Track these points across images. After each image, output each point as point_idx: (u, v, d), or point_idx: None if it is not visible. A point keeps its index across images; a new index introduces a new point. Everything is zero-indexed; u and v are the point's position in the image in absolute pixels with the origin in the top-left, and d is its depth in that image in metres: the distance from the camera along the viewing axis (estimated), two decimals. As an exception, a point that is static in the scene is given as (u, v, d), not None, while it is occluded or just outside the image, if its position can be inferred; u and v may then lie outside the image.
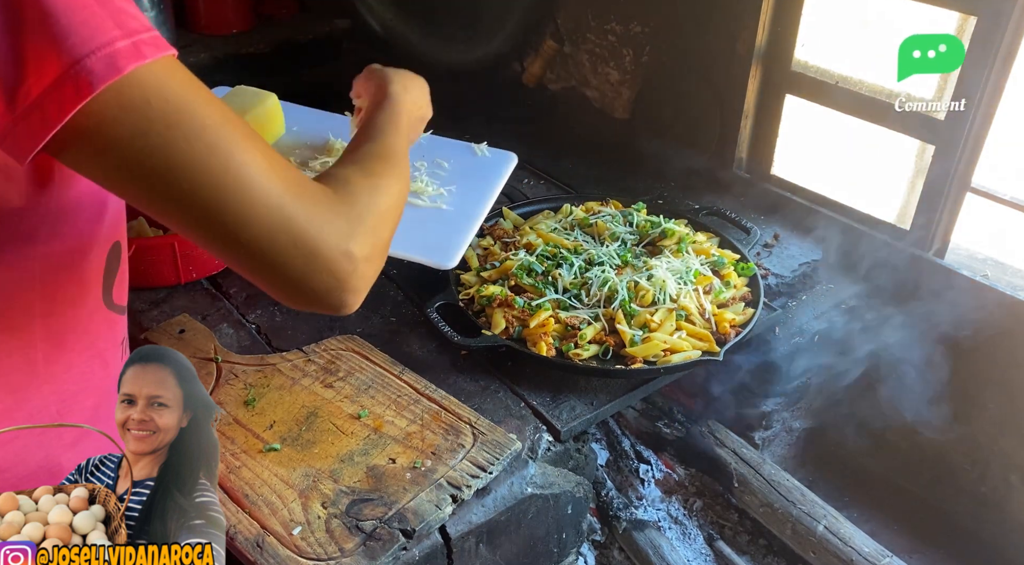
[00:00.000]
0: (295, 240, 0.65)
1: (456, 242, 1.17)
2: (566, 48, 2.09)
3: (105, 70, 0.56)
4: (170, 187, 0.61)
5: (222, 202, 0.62)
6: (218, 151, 0.61)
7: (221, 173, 0.62)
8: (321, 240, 0.66)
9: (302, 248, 0.66)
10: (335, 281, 0.68)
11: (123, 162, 0.60)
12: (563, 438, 1.21)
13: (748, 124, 1.74)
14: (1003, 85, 1.36)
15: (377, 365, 1.24)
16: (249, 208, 0.63)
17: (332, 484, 1.04)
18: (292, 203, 0.65)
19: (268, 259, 0.65)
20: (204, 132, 0.60)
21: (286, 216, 0.64)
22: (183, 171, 0.60)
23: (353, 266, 0.69)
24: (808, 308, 1.55)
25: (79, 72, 0.55)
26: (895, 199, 1.59)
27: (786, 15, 1.59)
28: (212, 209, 0.62)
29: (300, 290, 0.68)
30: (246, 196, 0.63)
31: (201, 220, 0.63)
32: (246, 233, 0.64)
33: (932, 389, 1.66)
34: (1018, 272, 1.51)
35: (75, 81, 0.55)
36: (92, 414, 0.81)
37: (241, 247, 0.65)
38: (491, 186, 1.30)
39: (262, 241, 0.64)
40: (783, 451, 1.73)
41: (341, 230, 0.68)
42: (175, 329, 1.31)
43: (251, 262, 0.66)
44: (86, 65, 0.55)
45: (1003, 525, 1.61)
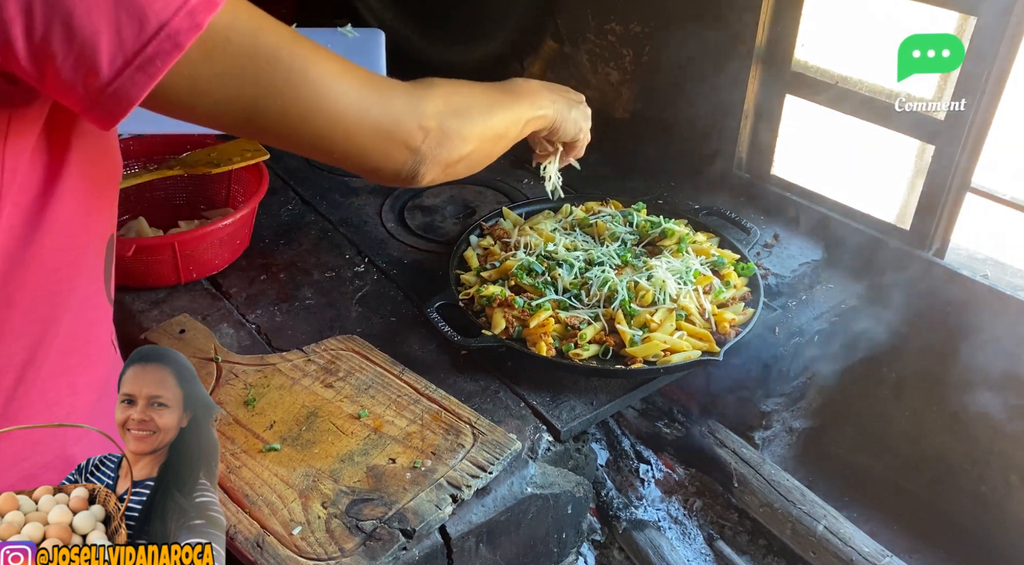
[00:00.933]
0: (376, 124, 0.77)
1: None
2: (566, 48, 2.09)
3: (189, 27, 0.62)
4: (262, 111, 0.70)
5: (309, 111, 0.72)
6: (296, 68, 0.70)
7: (303, 86, 0.71)
8: (396, 118, 0.79)
9: (382, 129, 0.78)
10: (408, 151, 0.81)
11: (216, 100, 0.67)
12: (563, 438, 1.21)
13: (748, 124, 1.74)
14: (1003, 85, 1.36)
15: (377, 365, 1.24)
16: (333, 109, 0.74)
17: (332, 484, 1.04)
18: (368, 95, 0.77)
19: (354, 147, 0.77)
20: (280, 55, 0.69)
21: (364, 107, 0.76)
22: (271, 94, 0.69)
23: (424, 137, 0.81)
24: (808, 308, 1.55)
25: (168, 33, 0.61)
26: (895, 199, 1.59)
27: (786, 15, 1.59)
28: (302, 119, 0.72)
29: (383, 167, 0.81)
30: (329, 100, 0.73)
31: (293, 131, 0.73)
32: (334, 131, 0.75)
33: (932, 389, 1.66)
34: (1018, 272, 1.51)
35: (162, 42, 0.61)
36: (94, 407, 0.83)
37: (330, 143, 0.76)
38: (376, 58, 1.41)
39: (350, 132, 0.76)
40: (783, 451, 1.73)
41: (415, 107, 0.81)
42: (175, 329, 1.31)
43: (340, 153, 0.78)
44: (172, 25, 0.61)
45: (1003, 525, 1.61)
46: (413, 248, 1.60)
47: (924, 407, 1.69)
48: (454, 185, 1.83)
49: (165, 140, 1.56)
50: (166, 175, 1.49)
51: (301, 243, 1.60)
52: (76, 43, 0.59)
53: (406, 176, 0.84)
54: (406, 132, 0.80)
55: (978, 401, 1.59)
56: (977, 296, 1.49)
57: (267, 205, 1.67)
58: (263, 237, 1.60)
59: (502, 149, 0.99)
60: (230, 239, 1.47)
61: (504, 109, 0.98)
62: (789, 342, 1.51)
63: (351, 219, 1.68)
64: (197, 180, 1.59)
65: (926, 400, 1.68)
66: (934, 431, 1.68)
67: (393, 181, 0.84)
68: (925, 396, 1.68)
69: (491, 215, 1.59)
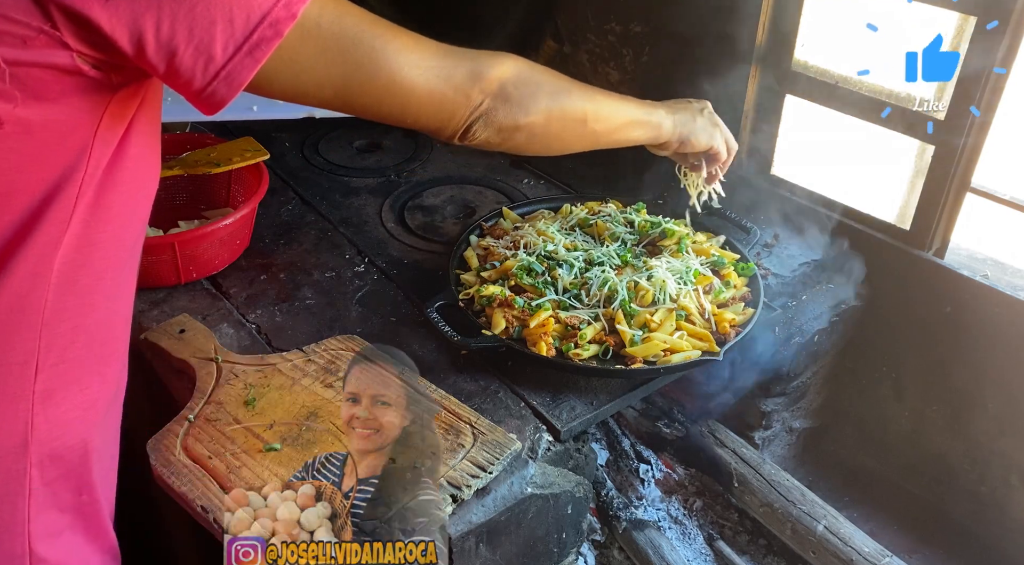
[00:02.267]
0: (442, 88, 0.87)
1: None
2: (566, 48, 2.09)
3: (287, 16, 0.70)
4: (350, 85, 0.81)
5: (390, 82, 0.83)
6: (377, 46, 0.80)
7: (384, 60, 0.81)
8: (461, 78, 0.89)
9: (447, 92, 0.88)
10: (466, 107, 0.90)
11: (311, 79, 0.77)
12: (563, 438, 1.21)
13: (748, 124, 1.74)
14: (1003, 85, 1.36)
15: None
16: (408, 78, 0.84)
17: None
18: (439, 63, 0.87)
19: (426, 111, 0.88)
20: (362, 36, 0.79)
21: (436, 74, 0.87)
22: (357, 70, 0.80)
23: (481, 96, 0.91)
24: (808, 308, 1.55)
25: (270, 22, 0.70)
26: (895, 199, 1.59)
27: (786, 15, 1.59)
28: (384, 90, 0.83)
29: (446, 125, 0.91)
30: (408, 69, 0.84)
31: (376, 100, 0.84)
32: (408, 98, 0.85)
33: (932, 389, 1.66)
34: (1018, 272, 1.51)
35: (265, 30, 0.69)
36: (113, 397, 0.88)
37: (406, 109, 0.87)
38: None
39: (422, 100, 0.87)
40: (783, 451, 1.73)
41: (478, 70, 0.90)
42: (175, 329, 1.31)
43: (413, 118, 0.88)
44: (273, 14, 0.70)
45: (1003, 525, 1.61)
46: (413, 248, 1.60)
47: (924, 407, 1.69)
48: (454, 185, 1.83)
49: (165, 140, 1.56)
50: (166, 175, 1.49)
51: (301, 243, 1.60)
52: (197, 34, 0.67)
53: (462, 129, 0.92)
54: (467, 89, 0.89)
55: (978, 401, 1.59)
56: (977, 296, 1.49)
57: (267, 205, 1.67)
58: (263, 237, 1.60)
59: (589, 138, 1.05)
60: (230, 239, 1.47)
61: (591, 99, 1.03)
62: (789, 342, 1.51)
63: (351, 219, 1.68)
64: (197, 180, 1.59)
65: (926, 400, 1.68)
66: (934, 431, 1.68)
67: (452, 137, 0.92)
68: (925, 396, 1.68)
69: (491, 215, 1.59)
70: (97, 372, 0.82)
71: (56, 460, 0.80)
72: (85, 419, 0.82)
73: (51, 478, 0.80)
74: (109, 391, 0.86)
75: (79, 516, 0.86)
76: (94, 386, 0.82)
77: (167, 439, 1.10)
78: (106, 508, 0.91)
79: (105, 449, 0.89)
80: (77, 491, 0.84)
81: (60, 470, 0.81)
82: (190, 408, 1.15)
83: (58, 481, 0.81)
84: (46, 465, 0.79)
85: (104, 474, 0.89)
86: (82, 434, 0.82)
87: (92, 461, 0.85)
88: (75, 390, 0.80)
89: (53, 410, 0.78)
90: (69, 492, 0.84)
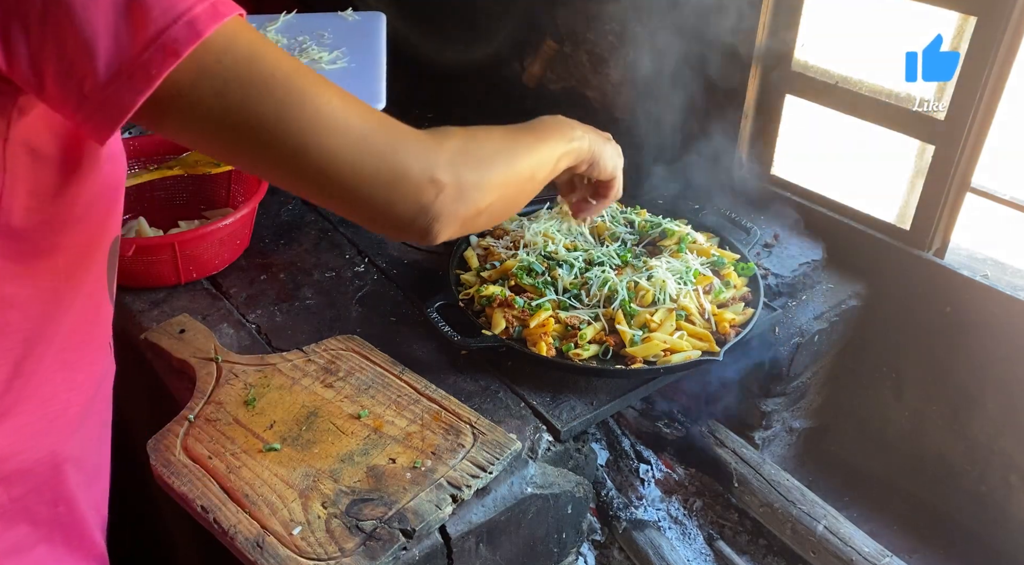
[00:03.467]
0: (378, 168, 0.70)
1: (376, 87, 1.29)
2: (566, 48, 2.09)
3: (188, 35, 0.59)
4: (253, 139, 0.65)
5: (304, 145, 0.66)
6: (292, 99, 0.65)
7: (299, 118, 0.66)
8: (404, 166, 0.71)
9: (385, 175, 0.70)
10: (419, 207, 0.73)
11: (210, 120, 0.63)
12: (563, 438, 1.21)
13: (748, 124, 1.74)
14: (1003, 85, 1.36)
15: (377, 365, 1.24)
16: (331, 146, 0.67)
17: (332, 484, 1.04)
18: (373, 135, 0.70)
19: (354, 191, 0.70)
20: (274, 85, 0.64)
21: (368, 148, 0.69)
22: (262, 122, 0.65)
23: (436, 192, 0.73)
24: (808, 308, 1.55)
25: (165, 41, 0.58)
26: (895, 199, 1.59)
27: (786, 15, 1.59)
28: (296, 153, 0.67)
29: (387, 218, 0.74)
30: (326, 136, 0.67)
31: (286, 165, 0.68)
32: (331, 169, 0.68)
33: (932, 389, 1.66)
34: (1018, 272, 1.51)
35: (162, 49, 0.58)
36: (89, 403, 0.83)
37: (328, 183, 0.69)
38: (376, 40, 1.43)
39: (347, 174, 0.69)
40: (783, 451, 1.73)
41: (426, 158, 0.73)
42: (175, 329, 1.31)
43: (340, 196, 0.71)
44: (171, 33, 0.58)
45: (1003, 525, 1.61)
46: (413, 248, 1.60)
47: (924, 407, 1.69)
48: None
49: (165, 140, 1.56)
50: (166, 175, 1.49)
51: (301, 243, 1.60)
52: (73, 45, 0.56)
53: (417, 233, 0.76)
54: (416, 184, 0.72)
55: (978, 401, 1.59)
56: (977, 296, 1.49)
57: (267, 205, 1.67)
58: (263, 237, 1.60)
59: (533, 192, 0.93)
60: (230, 239, 1.47)
61: (530, 150, 0.91)
62: (789, 342, 1.51)
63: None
64: (197, 180, 1.59)
65: (926, 400, 1.68)
66: (934, 431, 1.68)
67: (401, 236, 0.78)
68: (925, 396, 1.68)
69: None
70: (63, 380, 0.77)
71: (23, 475, 0.76)
72: (53, 430, 0.78)
73: (19, 494, 0.77)
74: (82, 398, 0.81)
75: (57, 527, 0.83)
76: (61, 395, 0.78)
77: (167, 439, 1.10)
78: (91, 516, 0.88)
79: (86, 457, 0.85)
80: (52, 503, 0.81)
81: (29, 484, 0.77)
82: (190, 408, 1.15)
83: (28, 495, 0.78)
84: (13, 481, 0.76)
85: (87, 482, 0.86)
86: (51, 446, 0.78)
87: (67, 472, 0.81)
88: (37, 402, 0.75)
89: (11, 423, 0.73)
90: (43, 505, 0.80)
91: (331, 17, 1.56)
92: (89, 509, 0.87)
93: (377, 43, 1.43)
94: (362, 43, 1.44)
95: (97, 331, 0.83)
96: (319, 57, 1.40)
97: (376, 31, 1.47)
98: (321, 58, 1.40)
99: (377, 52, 1.40)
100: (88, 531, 0.88)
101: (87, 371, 0.82)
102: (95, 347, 0.83)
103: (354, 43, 1.44)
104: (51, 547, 0.83)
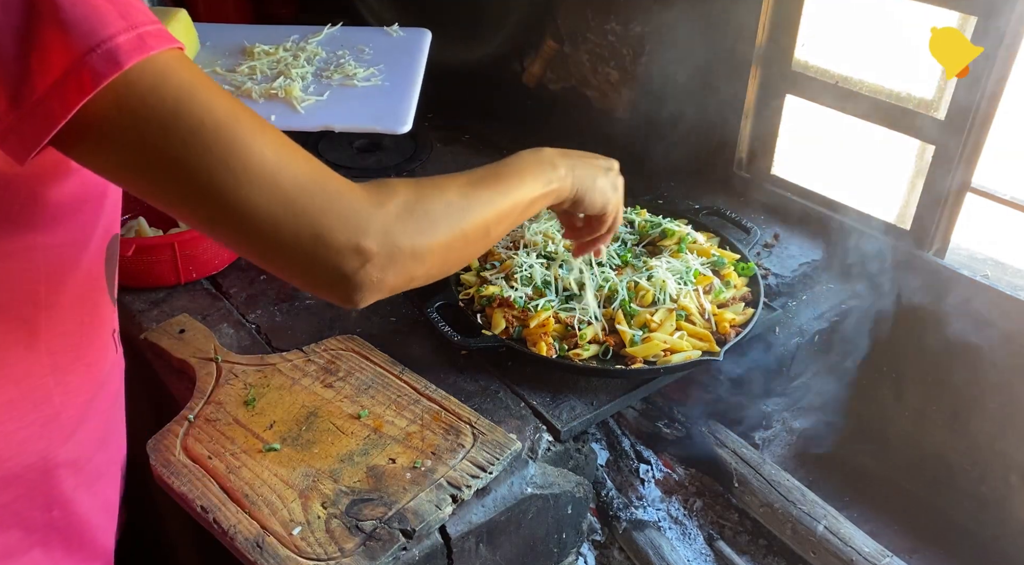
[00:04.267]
0: (299, 231, 0.64)
1: (404, 108, 1.25)
2: (566, 48, 2.09)
3: (106, 66, 0.55)
4: (171, 183, 0.61)
5: (224, 198, 0.61)
6: (220, 148, 0.60)
7: (223, 169, 0.61)
8: (328, 231, 0.65)
9: (307, 239, 0.64)
10: (339, 275, 0.67)
11: (124, 158, 0.60)
12: (563, 438, 1.21)
13: (748, 124, 1.74)
14: (1003, 85, 1.36)
15: (377, 365, 1.24)
16: (253, 202, 0.62)
17: (332, 484, 1.04)
18: (302, 194, 0.64)
19: (273, 251, 0.65)
20: (201, 130, 0.59)
21: (293, 208, 0.63)
22: (182, 167, 0.60)
23: (362, 262, 0.67)
24: (808, 308, 1.55)
25: (81, 68, 0.55)
26: (895, 199, 1.59)
27: (786, 15, 1.59)
28: (216, 205, 0.62)
29: (306, 282, 0.68)
30: (249, 190, 0.62)
31: (205, 214, 0.63)
32: (249, 226, 0.63)
33: (932, 389, 1.66)
34: (1018, 272, 1.51)
35: (78, 77, 0.55)
36: (87, 406, 0.82)
37: (246, 239, 0.65)
38: (416, 59, 1.39)
39: (267, 233, 0.64)
40: (783, 451, 1.73)
41: (356, 223, 0.66)
42: (175, 329, 1.31)
43: (258, 254, 0.67)
44: (89, 61, 0.55)
45: (1003, 525, 1.61)
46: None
47: (924, 407, 1.69)
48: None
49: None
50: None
51: (301, 243, 1.60)
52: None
53: (338, 299, 0.70)
54: (338, 252, 0.65)
55: (978, 401, 1.59)
56: (977, 296, 1.49)
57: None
58: (263, 237, 1.59)
59: (491, 244, 0.84)
60: (230, 239, 1.47)
61: (491, 201, 0.81)
62: (789, 342, 1.51)
63: (351, 219, 1.68)
64: (197, 180, 1.58)
65: (926, 400, 1.68)
66: (934, 431, 1.68)
67: (325, 297, 0.71)
68: (925, 396, 1.68)
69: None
70: (55, 385, 0.76)
71: (11, 481, 0.75)
72: (44, 435, 0.76)
73: (8, 499, 0.76)
74: (78, 401, 0.80)
75: (53, 532, 0.81)
76: (53, 399, 0.76)
77: (167, 439, 1.10)
78: (95, 518, 0.87)
79: (87, 459, 0.84)
80: (46, 508, 0.80)
81: (19, 489, 0.76)
82: (190, 408, 1.15)
83: (19, 501, 0.77)
84: (1, 487, 0.74)
85: (88, 483, 0.84)
86: (41, 451, 0.76)
87: (60, 477, 0.79)
88: (24, 408, 0.74)
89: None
90: (36, 510, 0.79)
91: (375, 32, 1.52)
92: (92, 511, 0.87)
93: (416, 62, 1.40)
94: (401, 61, 1.41)
95: (95, 333, 0.81)
96: (354, 73, 1.38)
97: (418, 50, 1.44)
98: (356, 74, 1.37)
99: (414, 72, 1.37)
100: (89, 534, 0.87)
101: (83, 374, 0.80)
102: (93, 349, 0.82)
103: (393, 60, 1.41)
104: (47, 551, 0.82)
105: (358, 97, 1.31)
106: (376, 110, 1.27)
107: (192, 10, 2.40)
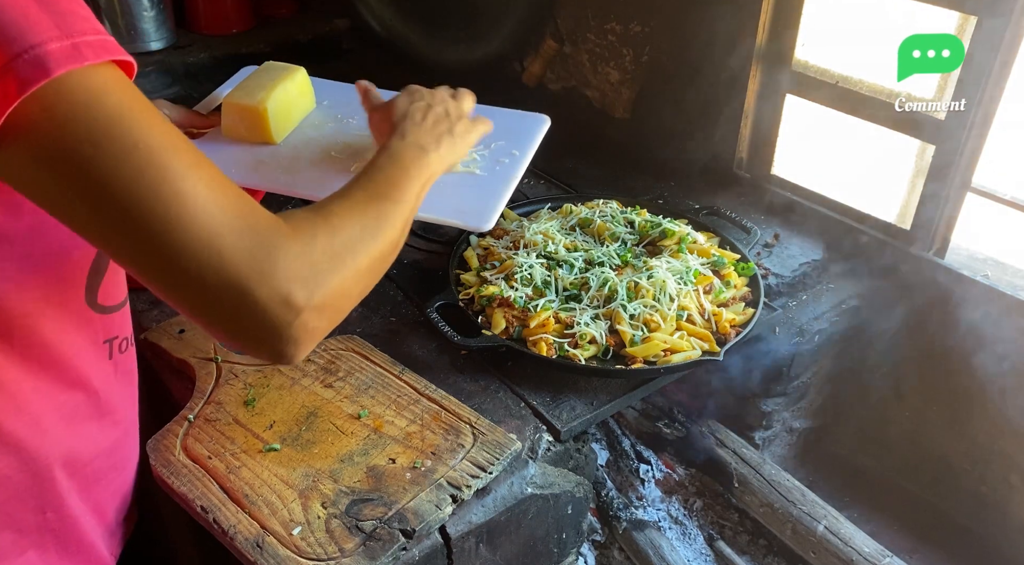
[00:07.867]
0: (226, 280, 0.59)
1: (491, 205, 1.13)
2: (566, 48, 2.09)
3: (33, 72, 0.51)
4: (97, 208, 0.56)
5: (148, 231, 0.57)
6: (148, 176, 0.56)
7: (150, 200, 0.56)
8: (255, 283, 0.60)
9: (233, 290, 0.59)
10: (270, 329, 0.61)
11: (49, 175, 0.55)
12: (563, 438, 1.21)
13: (748, 124, 1.74)
14: (1003, 85, 1.36)
15: (377, 365, 1.24)
16: (177, 240, 0.57)
17: (332, 484, 1.04)
18: (229, 238, 0.59)
19: (196, 297, 0.60)
20: (135, 153, 0.55)
21: (219, 253, 0.58)
22: (110, 190, 0.55)
23: (293, 316, 0.61)
24: (808, 308, 1.55)
25: (7, 74, 0.51)
26: (895, 199, 1.59)
27: (786, 15, 1.59)
28: (138, 238, 0.57)
29: (232, 334, 0.62)
30: (176, 227, 0.57)
31: (127, 249, 0.59)
32: (173, 266, 0.58)
33: (932, 389, 1.66)
34: (1018, 272, 1.51)
35: (2, 84, 0.51)
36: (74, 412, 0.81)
37: (168, 281, 0.60)
38: (524, 150, 1.25)
39: (190, 277, 0.58)
40: (783, 451, 1.73)
41: (284, 274, 0.61)
42: (175, 329, 1.31)
43: (179, 298, 0.61)
44: (14, 66, 0.51)
45: (1003, 525, 1.61)
46: (413, 248, 1.59)
47: (924, 407, 1.69)
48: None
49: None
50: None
51: (301, 243, 1.59)
52: None
53: (267, 355, 0.64)
54: (265, 303, 0.60)
55: (978, 401, 1.59)
56: (977, 296, 1.49)
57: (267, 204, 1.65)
58: (263, 237, 1.59)
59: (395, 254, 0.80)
60: (230, 239, 1.47)
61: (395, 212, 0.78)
62: (789, 342, 1.51)
63: (351, 219, 1.68)
64: (197, 180, 1.58)
65: (926, 400, 1.68)
66: (934, 431, 1.68)
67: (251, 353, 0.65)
68: (925, 396, 1.68)
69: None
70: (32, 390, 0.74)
71: (3, 482, 0.74)
72: (34, 437, 0.75)
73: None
74: (69, 402, 0.78)
75: (47, 533, 0.81)
76: (33, 404, 0.74)
77: (167, 439, 1.10)
78: (92, 519, 0.87)
79: (84, 461, 0.83)
80: (39, 510, 0.79)
81: (8, 492, 0.75)
82: (190, 408, 1.15)
83: (9, 503, 0.76)
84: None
85: (86, 485, 0.84)
86: (31, 453, 0.75)
87: (54, 479, 0.78)
88: (8, 410, 0.72)
89: None
90: (28, 512, 0.78)
91: (493, 111, 1.31)
92: (90, 512, 0.86)
93: (523, 154, 1.23)
94: (508, 150, 1.24)
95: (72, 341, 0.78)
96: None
97: (530, 139, 1.27)
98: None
99: (517, 164, 1.21)
100: (85, 537, 0.86)
101: (61, 381, 0.78)
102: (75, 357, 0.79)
103: (500, 148, 1.24)
104: (42, 553, 0.81)
105: (450, 183, 1.14)
106: (463, 203, 1.13)
107: (192, 9, 2.42)
